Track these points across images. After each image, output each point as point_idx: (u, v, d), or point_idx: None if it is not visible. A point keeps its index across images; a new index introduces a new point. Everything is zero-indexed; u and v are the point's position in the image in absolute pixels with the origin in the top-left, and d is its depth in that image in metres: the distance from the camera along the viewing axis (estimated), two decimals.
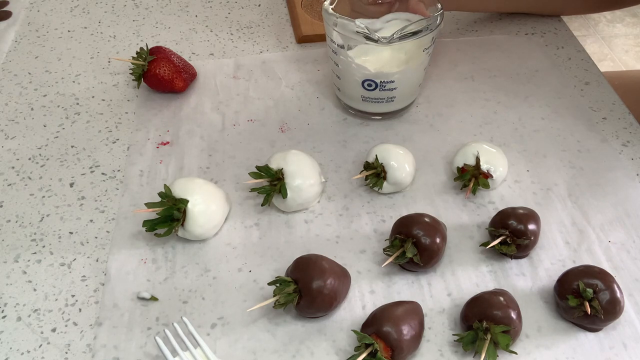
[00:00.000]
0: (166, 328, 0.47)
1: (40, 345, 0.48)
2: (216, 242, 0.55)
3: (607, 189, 0.59)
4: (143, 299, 0.50)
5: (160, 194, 0.52)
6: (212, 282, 0.52)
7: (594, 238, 0.55)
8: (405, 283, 0.51)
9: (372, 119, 0.66)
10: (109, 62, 0.75)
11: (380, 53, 0.60)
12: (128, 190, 0.59)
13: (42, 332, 0.48)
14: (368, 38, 0.56)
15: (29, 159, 0.63)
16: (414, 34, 0.57)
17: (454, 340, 0.47)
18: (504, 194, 0.59)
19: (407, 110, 0.67)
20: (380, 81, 0.60)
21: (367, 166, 0.57)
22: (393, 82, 0.61)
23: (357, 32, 0.57)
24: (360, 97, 0.63)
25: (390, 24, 0.63)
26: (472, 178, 0.57)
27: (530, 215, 0.52)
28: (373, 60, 0.61)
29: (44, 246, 0.55)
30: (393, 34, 0.56)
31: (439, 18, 0.58)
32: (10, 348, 0.47)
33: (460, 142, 0.63)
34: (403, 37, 0.56)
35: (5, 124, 0.67)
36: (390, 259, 0.50)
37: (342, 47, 0.59)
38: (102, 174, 0.61)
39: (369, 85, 0.61)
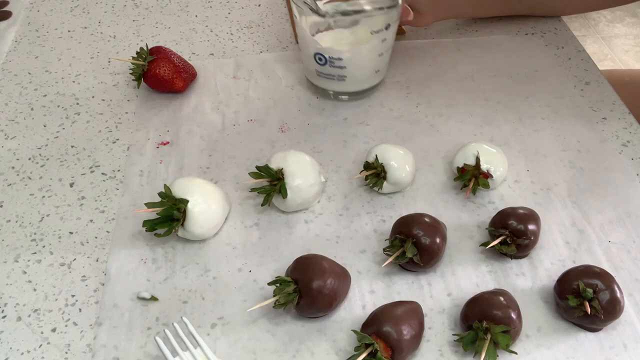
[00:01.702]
0: (166, 328, 0.47)
1: (40, 345, 0.48)
2: (216, 242, 0.55)
3: (607, 189, 0.59)
4: (143, 299, 0.50)
5: (160, 194, 0.52)
6: (212, 282, 0.52)
7: (594, 238, 0.55)
8: (405, 283, 0.51)
9: (340, 99, 0.68)
10: (109, 62, 0.75)
11: (334, 29, 0.62)
12: (128, 190, 0.59)
13: (42, 332, 0.48)
14: (312, 9, 0.57)
15: (29, 159, 0.63)
16: (358, 12, 0.57)
17: (454, 340, 0.47)
18: (504, 194, 0.59)
19: (376, 97, 0.68)
20: (329, 57, 0.62)
21: (367, 166, 0.57)
22: (341, 59, 0.62)
23: (305, 2, 0.57)
24: (315, 72, 0.65)
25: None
26: (472, 178, 0.57)
27: (530, 215, 0.52)
28: (326, 35, 0.62)
29: (44, 246, 0.55)
30: (336, 8, 0.57)
31: (390, 2, 0.58)
32: (10, 348, 0.47)
33: (460, 142, 0.63)
34: (346, 14, 0.57)
35: (5, 124, 0.67)
36: (390, 259, 0.50)
37: (300, 16, 0.61)
38: (102, 174, 0.61)
39: (320, 59, 0.62)
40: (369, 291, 0.51)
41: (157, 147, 0.63)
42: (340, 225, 0.56)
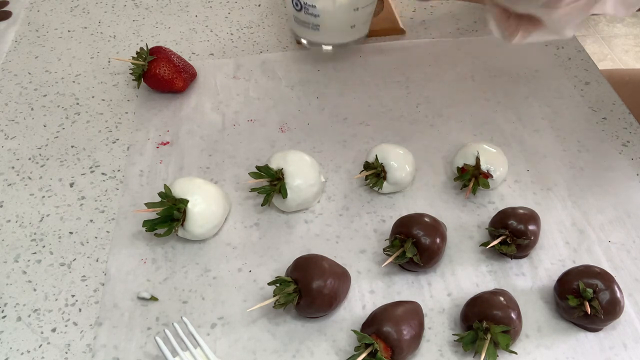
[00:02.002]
0: (166, 328, 0.47)
1: (40, 345, 0.48)
2: (216, 242, 0.55)
3: (607, 189, 0.59)
4: (143, 299, 0.50)
5: (160, 194, 0.52)
6: (212, 282, 0.52)
7: (594, 238, 0.55)
8: (405, 283, 0.51)
9: (324, 50, 0.70)
10: (109, 62, 0.75)
11: None
12: (128, 190, 0.59)
13: (42, 332, 0.48)
14: None
15: (29, 159, 0.63)
16: None
17: (454, 340, 0.47)
18: (504, 194, 0.59)
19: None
20: (304, 2, 0.63)
21: (367, 166, 0.57)
22: (315, 7, 0.63)
23: None
24: (293, 18, 0.67)
25: None
26: (472, 178, 0.57)
27: (530, 215, 0.52)
28: None
29: (44, 246, 0.55)
30: None
31: None
32: (10, 348, 0.47)
33: (460, 142, 0.63)
34: None
35: (5, 124, 0.67)
36: (390, 259, 0.50)
37: None
38: (102, 174, 0.61)
39: (296, 4, 0.65)
40: (369, 291, 0.51)
41: (157, 147, 0.63)
42: (340, 225, 0.56)
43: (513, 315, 0.45)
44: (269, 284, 0.48)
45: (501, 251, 0.52)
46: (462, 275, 0.52)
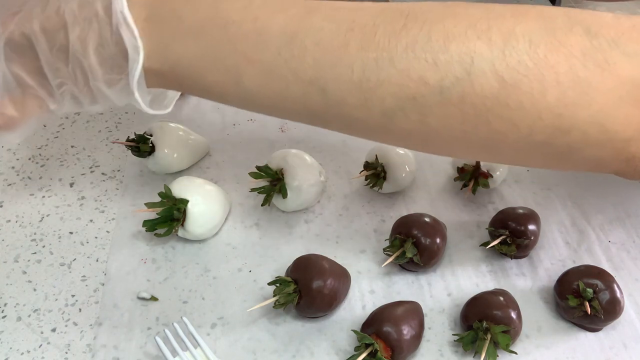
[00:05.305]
0: (166, 328, 0.47)
1: (40, 345, 0.48)
2: (216, 242, 0.55)
3: (607, 189, 0.59)
4: (143, 299, 0.50)
5: (160, 194, 0.52)
6: (212, 282, 0.52)
7: (594, 238, 0.55)
8: (405, 283, 0.51)
9: None
10: None
11: None
12: (128, 190, 0.59)
13: (42, 332, 0.48)
14: None
15: (29, 159, 0.63)
16: None
17: (454, 340, 0.47)
18: (504, 194, 0.59)
19: None
20: None
21: (367, 166, 0.57)
22: None
23: None
24: None
25: None
26: (472, 178, 0.57)
27: (530, 216, 0.52)
28: None
29: (44, 246, 0.55)
30: None
31: None
32: (10, 348, 0.47)
33: None
34: None
35: None
36: (390, 259, 0.50)
37: None
38: (102, 174, 0.61)
39: None
40: (369, 291, 0.51)
41: None
42: (340, 225, 0.56)
43: (513, 315, 0.46)
44: (269, 284, 0.48)
45: (501, 251, 0.52)
46: (462, 275, 0.52)
